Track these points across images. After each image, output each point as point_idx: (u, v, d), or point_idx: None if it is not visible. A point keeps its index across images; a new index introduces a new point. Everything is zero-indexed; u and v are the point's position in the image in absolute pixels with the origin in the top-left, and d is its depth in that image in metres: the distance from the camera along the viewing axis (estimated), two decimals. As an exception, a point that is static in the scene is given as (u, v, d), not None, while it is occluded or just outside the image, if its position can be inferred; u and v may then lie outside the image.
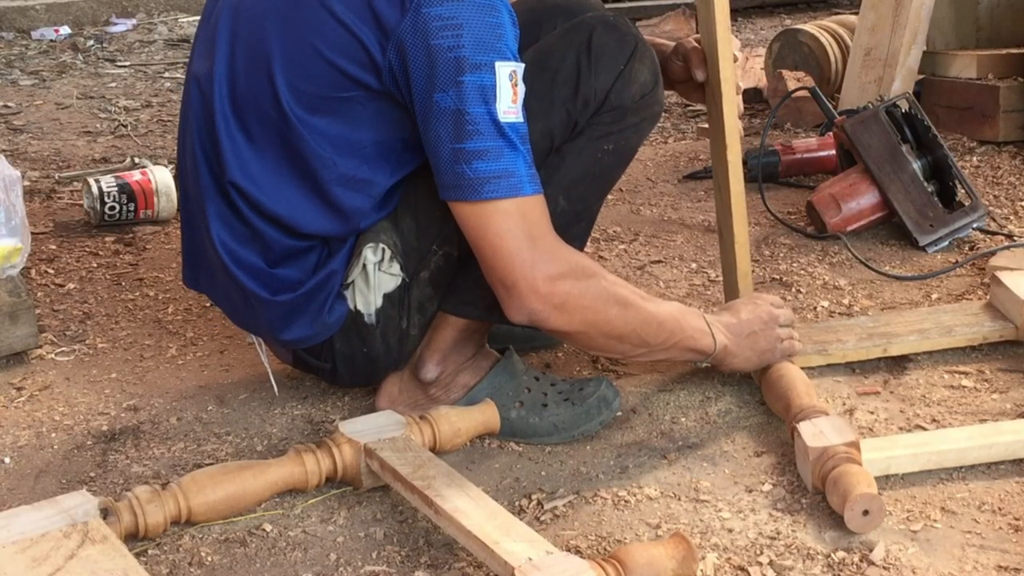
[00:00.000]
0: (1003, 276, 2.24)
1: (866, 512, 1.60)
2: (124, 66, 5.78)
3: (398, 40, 1.67)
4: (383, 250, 1.83)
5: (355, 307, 1.85)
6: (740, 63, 2.12)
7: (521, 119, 1.70)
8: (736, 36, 2.27)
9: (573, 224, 1.90)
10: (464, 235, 1.74)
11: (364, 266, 1.83)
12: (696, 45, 2.08)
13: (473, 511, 1.57)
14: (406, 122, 1.76)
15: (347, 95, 1.74)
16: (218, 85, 1.80)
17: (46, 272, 2.80)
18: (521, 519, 1.66)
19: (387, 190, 1.83)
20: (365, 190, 1.81)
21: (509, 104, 1.68)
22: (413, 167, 1.83)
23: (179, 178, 1.97)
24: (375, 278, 1.84)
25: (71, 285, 2.72)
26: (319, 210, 1.80)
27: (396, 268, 1.85)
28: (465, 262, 1.88)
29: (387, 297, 1.85)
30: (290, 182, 1.79)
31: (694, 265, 2.72)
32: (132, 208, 3.10)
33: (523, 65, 1.71)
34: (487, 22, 1.67)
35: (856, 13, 4.19)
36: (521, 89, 1.70)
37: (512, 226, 1.69)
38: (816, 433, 1.73)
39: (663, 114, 4.39)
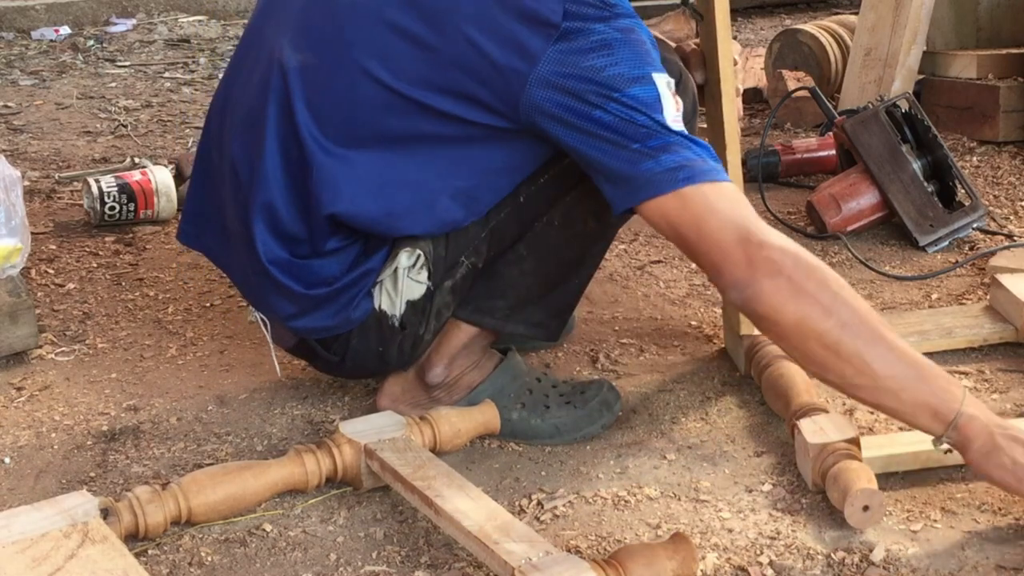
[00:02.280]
0: (1003, 278, 2.24)
1: (866, 508, 1.60)
2: (124, 66, 5.78)
3: (543, 63, 1.64)
4: (418, 256, 1.82)
5: (380, 307, 1.84)
6: (740, 65, 2.12)
7: (686, 130, 1.67)
8: (736, 36, 2.27)
9: (599, 241, 1.93)
10: (661, 233, 1.67)
11: (395, 269, 1.83)
12: (695, 48, 2.08)
13: (473, 511, 1.57)
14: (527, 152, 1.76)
15: (470, 117, 1.71)
16: (314, 87, 1.75)
17: (46, 272, 2.80)
18: (521, 519, 1.67)
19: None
20: (472, 206, 1.81)
21: (674, 113, 1.66)
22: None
23: (205, 147, 1.91)
24: (403, 283, 1.83)
25: (71, 285, 2.72)
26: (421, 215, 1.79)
27: (424, 276, 1.83)
28: (484, 272, 1.87)
29: (411, 304, 1.84)
30: (399, 192, 1.77)
31: (694, 265, 2.72)
32: (132, 208, 3.10)
33: (674, 80, 1.69)
34: (633, 39, 1.66)
35: (856, 13, 4.19)
36: (679, 102, 1.68)
37: (715, 204, 1.61)
38: (816, 430, 1.73)
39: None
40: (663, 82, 1.66)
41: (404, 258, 1.82)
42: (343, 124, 1.75)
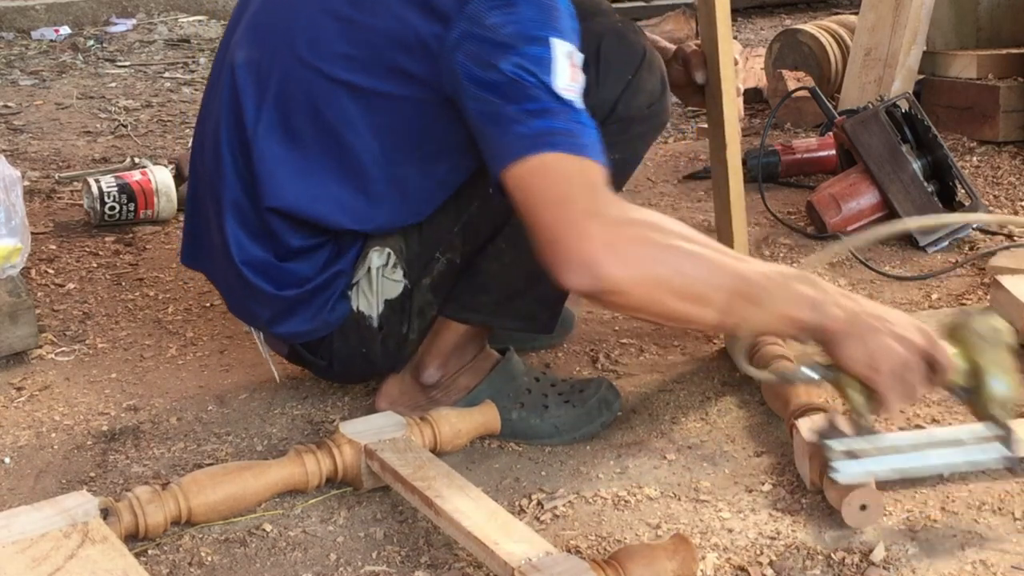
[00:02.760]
0: (1004, 280, 2.24)
1: (863, 507, 1.60)
2: (124, 66, 5.78)
3: (455, 25, 1.64)
4: (388, 255, 1.83)
5: (357, 308, 1.85)
6: (740, 65, 2.11)
7: (581, 103, 1.59)
8: (736, 36, 2.28)
9: None
10: (514, 204, 1.56)
11: (369, 269, 1.83)
12: (696, 48, 2.08)
13: (473, 511, 1.57)
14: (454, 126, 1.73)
15: (402, 94, 1.72)
16: (258, 81, 1.78)
17: (46, 272, 2.80)
18: (521, 519, 1.67)
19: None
20: (410, 194, 1.80)
21: (567, 82, 1.58)
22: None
23: (192, 159, 1.95)
24: (378, 283, 1.84)
25: (71, 285, 2.72)
26: (358, 205, 1.79)
27: (399, 274, 1.84)
28: (466, 268, 1.88)
29: (389, 303, 1.85)
30: (333, 181, 1.78)
31: (694, 265, 2.72)
32: (132, 208, 3.10)
33: (582, 56, 1.64)
34: (541, 3, 1.63)
35: (856, 13, 4.19)
36: (580, 75, 1.61)
37: (570, 176, 1.52)
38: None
39: (663, 114, 4.39)
40: (563, 49, 1.60)
41: (375, 258, 1.83)
42: (282, 116, 1.77)
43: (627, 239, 1.48)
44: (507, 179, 1.56)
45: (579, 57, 1.62)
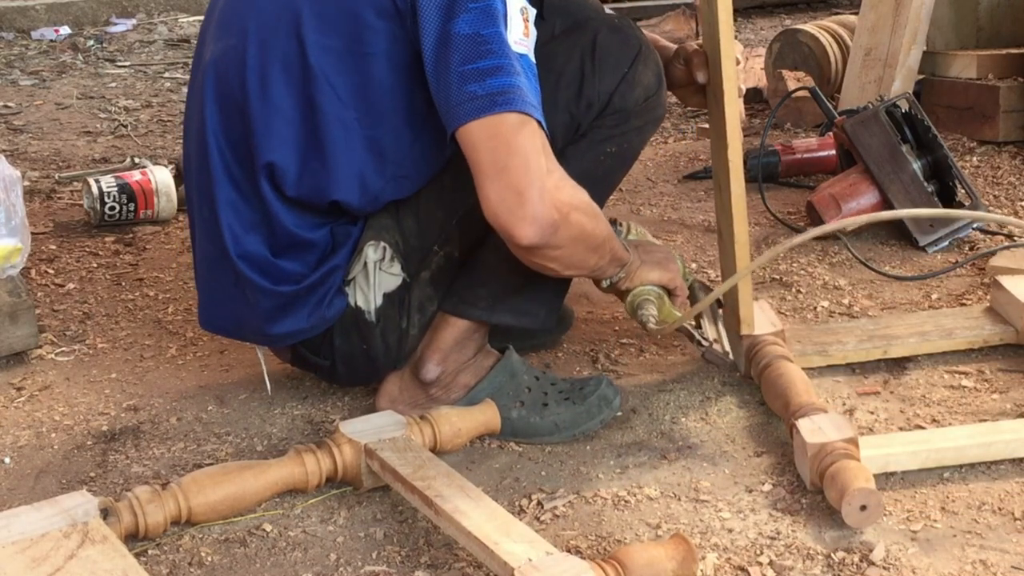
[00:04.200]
0: (1004, 280, 2.24)
1: (863, 507, 1.60)
2: (124, 66, 5.78)
3: None
4: (384, 248, 1.84)
5: (355, 303, 1.85)
6: (741, 65, 2.12)
7: (532, 57, 1.68)
8: (736, 36, 2.28)
9: None
10: (469, 159, 1.66)
11: (365, 264, 1.84)
12: (698, 48, 2.08)
13: (473, 511, 1.57)
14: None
15: (374, 50, 1.73)
16: (238, 64, 1.79)
17: (46, 272, 2.80)
18: (521, 519, 1.67)
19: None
20: (386, 158, 1.80)
21: (520, 36, 1.66)
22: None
23: (185, 178, 1.96)
24: (375, 277, 1.84)
25: (71, 285, 2.72)
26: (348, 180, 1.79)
27: (397, 268, 1.85)
28: (465, 263, 1.88)
29: (387, 296, 1.86)
30: (312, 147, 1.78)
31: (694, 265, 2.72)
32: (132, 208, 3.10)
33: (535, 11, 1.70)
34: None
35: (856, 13, 4.19)
36: (532, 32, 1.68)
37: (524, 136, 1.62)
38: (815, 429, 1.74)
39: (663, 114, 4.39)
40: (515, 5, 1.67)
41: (371, 252, 1.83)
42: (262, 87, 1.77)
43: (569, 200, 1.67)
44: (463, 136, 1.64)
45: (532, 13, 1.69)
